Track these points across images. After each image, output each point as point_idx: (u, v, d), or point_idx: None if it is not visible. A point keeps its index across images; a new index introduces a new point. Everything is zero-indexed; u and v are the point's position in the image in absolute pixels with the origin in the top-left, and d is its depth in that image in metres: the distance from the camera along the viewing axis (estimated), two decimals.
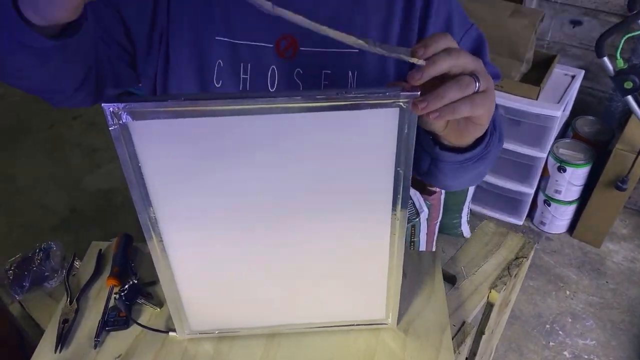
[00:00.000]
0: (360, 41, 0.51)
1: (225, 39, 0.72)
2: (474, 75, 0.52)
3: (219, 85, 0.73)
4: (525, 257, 0.89)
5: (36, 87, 0.65)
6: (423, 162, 0.70)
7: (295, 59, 0.72)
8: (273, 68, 0.73)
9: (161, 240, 0.63)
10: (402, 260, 0.67)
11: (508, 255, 0.90)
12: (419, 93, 0.50)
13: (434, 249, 2.03)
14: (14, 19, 0.51)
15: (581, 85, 2.05)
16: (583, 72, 2.02)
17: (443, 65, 0.50)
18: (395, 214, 0.63)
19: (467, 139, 0.62)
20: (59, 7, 0.49)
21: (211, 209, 0.61)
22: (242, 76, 0.73)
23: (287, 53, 0.72)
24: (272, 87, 0.74)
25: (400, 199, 0.61)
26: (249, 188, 0.59)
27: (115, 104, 0.49)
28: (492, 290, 0.84)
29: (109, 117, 0.50)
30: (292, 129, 0.54)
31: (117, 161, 0.53)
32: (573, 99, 2.04)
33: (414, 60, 0.51)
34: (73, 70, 0.64)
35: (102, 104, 0.49)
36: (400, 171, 0.58)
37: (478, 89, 0.52)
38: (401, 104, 0.52)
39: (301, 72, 0.73)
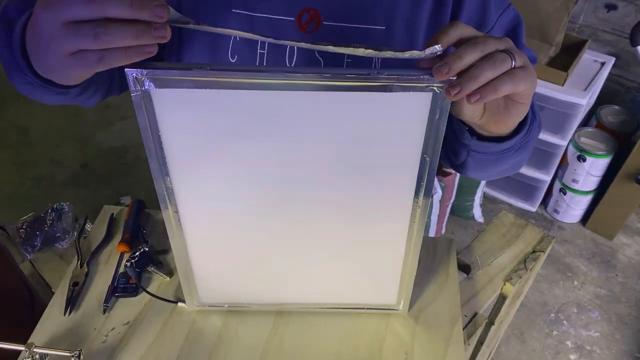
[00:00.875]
0: (369, 50, 0.48)
1: (243, 12, 0.68)
2: (507, 52, 0.48)
3: (234, 60, 0.70)
4: (543, 251, 0.87)
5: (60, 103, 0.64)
6: (459, 154, 0.67)
7: (317, 33, 0.69)
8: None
9: (177, 212, 0.62)
10: (419, 248, 0.65)
11: (525, 248, 0.88)
12: (455, 77, 0.48)
13: (443, 231, 2.01)
14: (24, 69, 0.51)
15: (610, 73, 1.99)
16: (614, 59, 1.95)
17: (470, 57, 0.47)
18: (417, 202, 0.61)
19: (509, 124, 0.58)
20: (62, 79, 0.48)
21: (228, 182, 0.59)
22: (259, 51, 0.69)
23: (309, 27, 0.68)
24: (290, 63, 0.70)
25: (424, 187, 0.59)
26: (268, 163, 0.57)
27: (138, 70, 0.47)
28: (507, 283, 0.82)
29: (131, 83, 0.48)
30: (318, 106, 0.52)
31: (130, 119, 0.52)
32: (600, 86, 1.98)
33: (433, 50, 0.48)
34: (96, 88, 0.64)
35: (125, 69, 0.47)
36: (427, 158, 0.55)
37: (515, 65, 0.48)
38: (435, 88, 0.49)
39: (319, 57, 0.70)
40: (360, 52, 0.49)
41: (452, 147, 0.67)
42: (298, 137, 0.55)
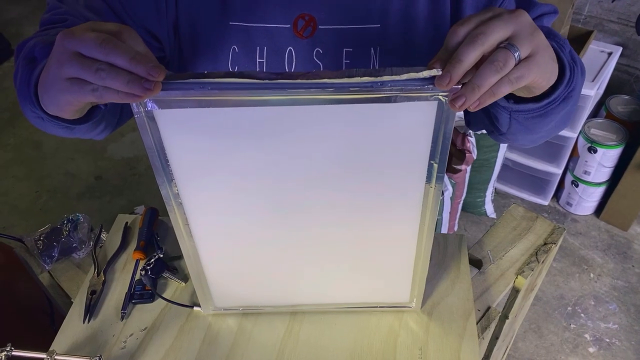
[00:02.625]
0: (364, 78, 0.47)
1: (240, 23, 0.69)
2: (510, 46, 0.46)
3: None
4: (554, 243, 0.87)
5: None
6: (502, 121, 0.63)
7: (314, 38, 0.70)
8: (290, 49, 0.71)
9: (187, 224, 0.63)
10: (431, 246, 0.66)
11: (536, 241, 0.88)
12: (460, 87, 0.47)
13: (456, 228, 2.01)
14: (34, 103, 0.55)
15: (617, 63, 1.97)
16: (620, 49, 1.94)
17: (471, 59, 0.46)
18: (426, 205, 0.61)
19: (539, 92, 0.55)
20: (54, 104, 0.51)
21: (237, 193, 0.60)
22: (258, 60, 0.71)
23: (305, 32, 0.70)
24: (289, 69, 0.71)
25: (433, 190, 0.59)
26: (275, 174, 0.58)
27: None
28: (519, 276, 0.83)
29: (134, 105, 0.49)
30: (322, 118, 0.52)
31: None
32: (608, 77, 1.97)
33: (431, 72, 0.47)
34: (107, 124, 0.67)
35: None
36: (435, 164, 0.56)
37: (519, 59, 0.47)
38: (440, 97, 0.49)
39: (321, 51, 0.71)
40: (357, 80, 0.47)
41: (494, 116, 0.64)
42: (304, 148, 0.55)
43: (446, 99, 0.49)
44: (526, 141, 0.70)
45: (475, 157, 1.79)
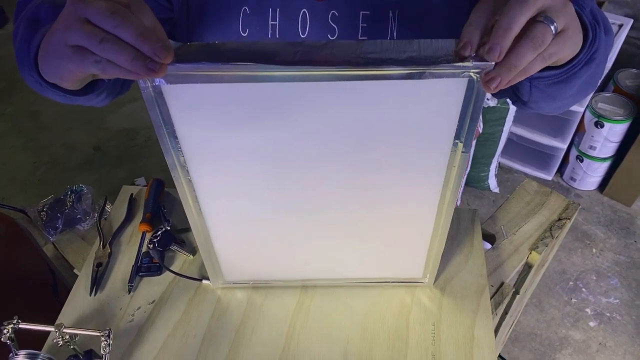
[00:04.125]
0: (395, 69, 0.44)
1: None
2: (548, 20, 0.43)
3: (245, 35, 0.67)
4: (569, 219, 0.86)
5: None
6: (522, 90, 0.61)
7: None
8: (304, 11, 0.67)
9: (196, 201, 0.61)
10: (448, 226, 0.64)
11: (550, 216, 0.87)
12: (493, 64, 0.43)
13: (459, 203, 1.99)
14: (33, 68, 0.52)
15: (627, 35, 1.93)
16: (631, 21, 1.90)
17: (519, 25, 0.42)
18: (447, 184, 0.59)
19: (564, 61, 0.52)
20: (61, 80, 0.49)
21: (248, 167, 0.58)
22: (270, 22, 0.67)
23: None
24: (303, 32, 0.68)
25: (455, 170, 0.57)
26: (289, 148, 0.55)
27: None
28: (533, 252, 0.81)
29: (140, 80, 0.46)
30: (340, 93, 0.49)
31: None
32: (617, 50, 1.93)
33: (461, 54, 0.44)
34: (108, 93, 0.62)
35: None
36: (460, 143, 0.53)
37: (555, 32, 0.44)
38: (472, 74, 0.45)
39: (336, 14, 0.67)
40: (388, 71, 0.45)
41: (514, 86, 0.60)
42: (319, 124, 0.53)
43: (478, 76, 0.45)
44: (551, 108, 0.67)
45: (481, 131, 1.76)
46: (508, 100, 0.72)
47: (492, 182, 2.09)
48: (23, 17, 0.55)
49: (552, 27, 0.43)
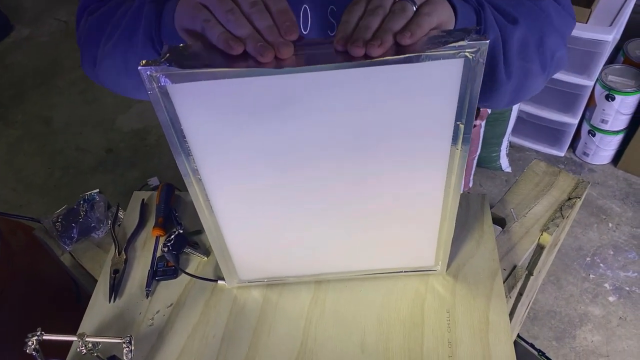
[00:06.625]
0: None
1: None
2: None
3: None
4: (579, 197, 0.85)
5: None
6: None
7: None
8: (305, 7, 0.67)
9: (207, 200, 0.62)
10: (456, 211, 0.64)
11: (560, 196, 0.86)
12: (488, 41, 0.45)
13: (471, 184, 1.99)
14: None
15: (635, 4, 1.89)
16: None
17: (376, 22, 0.47)
18: (452, 168, 0.59)
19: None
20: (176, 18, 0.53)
21: (256, 163, 0.58)
22: None
23: None
24: (305, 29, 0.68)
25: (459, 152, 0.57)
26: (295, 140, 0.56)
27: (152, 67, 0.46)
28: (544, 233, 0.81)
29: (146, 80, 0.47)
30: (341, 80, 0.49)
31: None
32: (626, 20, 1.89)
33: None
34: None
35: (139, 68, 0.46)
36: (461, 125, 0.53)
37: (417, 5, 0.48)
38: (467, 54, 0.46)
39: (335, 9, 0.67)
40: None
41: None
42: (324, 114, 0.53)
43: (473, 55, 0.46)
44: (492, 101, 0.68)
45: (489, 112, 1.75)
46: None
47: (504, 162, 2.08)
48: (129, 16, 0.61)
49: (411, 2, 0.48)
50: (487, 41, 0.45)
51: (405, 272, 0.75)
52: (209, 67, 0.46)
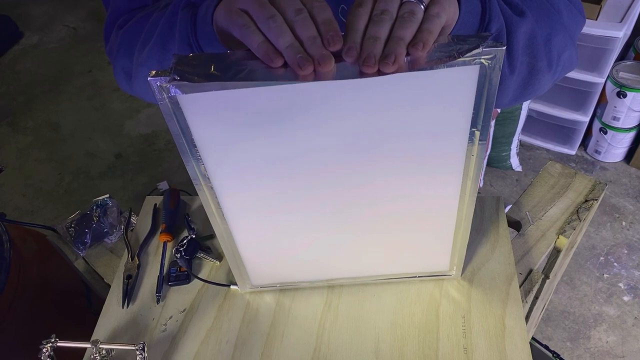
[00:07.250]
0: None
1: None
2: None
3: None
4: (596, 200, 0.84)
5: None
6: None
7: None
8: None
9: (219, 207, 0.61)
10: (471, 216, 0.63)
11: (577, 198, 0.85)
12: (504, 48, 0.44)
13: (481, 184, 1.97)
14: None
15: None
16: None
17: (385, 30, 0.45)
18: (467, 174, 0.58)
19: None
20: (216, 19, 0.52)
21: (267, 170, 0.58)
22: None
23: None
24: None
25: (474, 159, 0.56)
26: (307, 147, 0.55)
27: (161, 78, 0.45)
28: (561, 236, 0.80)
29: (156, 91, 0.46)
30: (354, 87, 0.49)
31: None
32: (637, 15, 1.87)
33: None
34: None
35: (149, 79, 0.45)
36: (477, 131, 0.52)
37: (425, 5, 0.46)
38: (483, 61, 0.45)
39: (345, 8, 0.66)
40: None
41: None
42: (336, 121, 0.52)
43: (489, 62, 0.45)
44: (509, 97, 0.67)
45: (499, 111, 1.74)
46: None
47: (514, 161, 2.06)
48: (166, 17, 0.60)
49: (419, 3, 0.46)
50: (504, 48, 0.44)
51: (419, 276, 0.74)
52: (241, 78, 0.45)
